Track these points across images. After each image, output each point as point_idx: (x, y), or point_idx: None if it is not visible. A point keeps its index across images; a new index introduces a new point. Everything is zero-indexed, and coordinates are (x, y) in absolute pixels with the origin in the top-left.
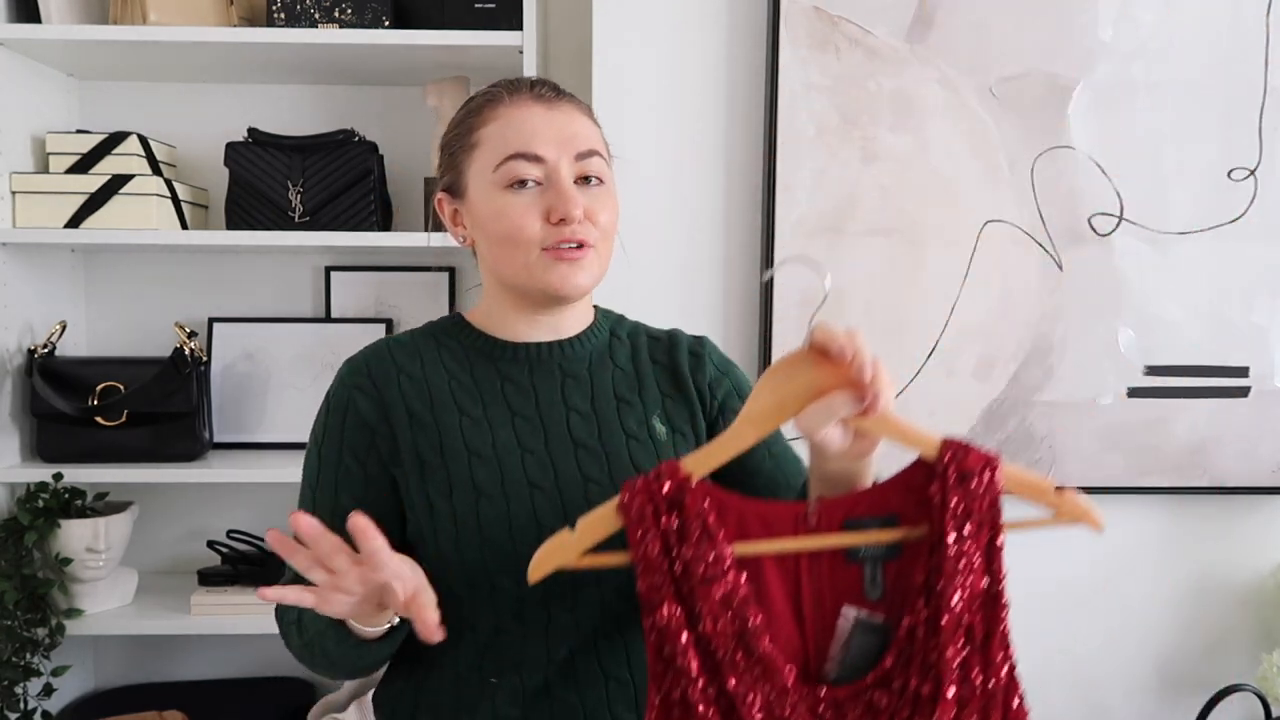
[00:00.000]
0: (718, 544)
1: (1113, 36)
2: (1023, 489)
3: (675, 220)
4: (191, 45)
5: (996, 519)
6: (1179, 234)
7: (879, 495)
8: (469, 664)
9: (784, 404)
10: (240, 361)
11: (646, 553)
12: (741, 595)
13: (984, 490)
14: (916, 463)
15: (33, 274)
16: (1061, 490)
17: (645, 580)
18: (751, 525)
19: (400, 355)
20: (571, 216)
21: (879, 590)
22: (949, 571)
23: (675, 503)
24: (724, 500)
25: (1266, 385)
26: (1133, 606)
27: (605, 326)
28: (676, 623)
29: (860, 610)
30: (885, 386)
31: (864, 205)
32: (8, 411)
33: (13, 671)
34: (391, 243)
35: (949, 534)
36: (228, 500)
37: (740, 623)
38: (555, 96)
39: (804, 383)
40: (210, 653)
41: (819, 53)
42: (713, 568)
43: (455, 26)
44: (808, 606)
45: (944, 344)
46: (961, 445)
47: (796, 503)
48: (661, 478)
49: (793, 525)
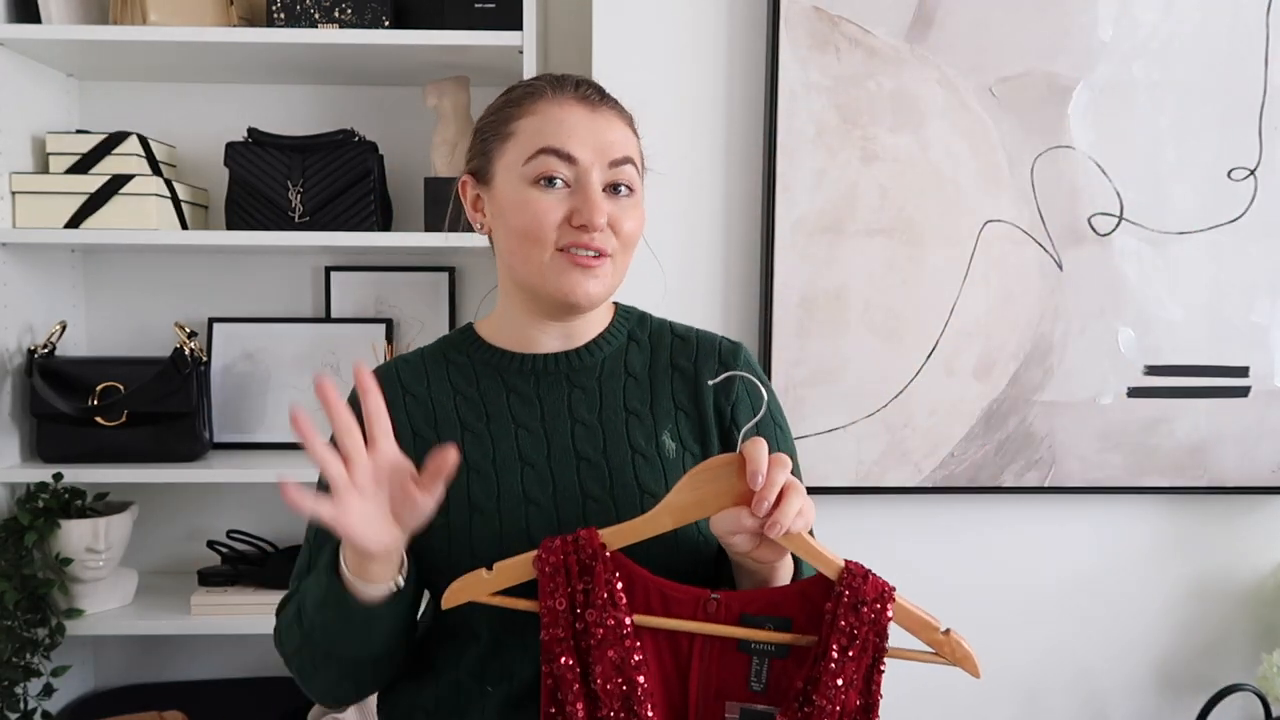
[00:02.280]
0: (619, 612)
1: (1113, 36)
2: (910, 625)
3: (675, 220)
4: (191, 45)
5: (881, 645)
6: (1179, 234)
7: (778, 597)
8: (471, 672)
9: (703, 502)
10: (240, 361)
11: (554, 607)
12: (634, 661)
13: (874, 618)
14: (819, 576)
15: (33, 274)
16: (948, 632)
17: (549, 632)
18: (654, 600)
19: (407, 375)
20: (594, 224)
21: (762, 684)
22: (826, 685)
23: (587, 568)
24: (633, 573)
25: (1266, 385)
26: (1132, 606)
27: (623, 329)
28: (571, 674)
29: (744, 704)
30: (786, 515)
31: (864, 205)
32: (8, 411)
33: (13, 671)
34: (391, 243)
35: (833, 650)
36: (228, 500)
37: (629, 686)
38: (599, 100)
39: (724, 487)
40: (210, 653)
41: (819, 53)
42: (611, 632)
43: (455, 26)
44: (694, 684)
45: (944, 344)
46: (862, 573)
47: (700, 589)
48: (579, 543)
49: (693, 608)
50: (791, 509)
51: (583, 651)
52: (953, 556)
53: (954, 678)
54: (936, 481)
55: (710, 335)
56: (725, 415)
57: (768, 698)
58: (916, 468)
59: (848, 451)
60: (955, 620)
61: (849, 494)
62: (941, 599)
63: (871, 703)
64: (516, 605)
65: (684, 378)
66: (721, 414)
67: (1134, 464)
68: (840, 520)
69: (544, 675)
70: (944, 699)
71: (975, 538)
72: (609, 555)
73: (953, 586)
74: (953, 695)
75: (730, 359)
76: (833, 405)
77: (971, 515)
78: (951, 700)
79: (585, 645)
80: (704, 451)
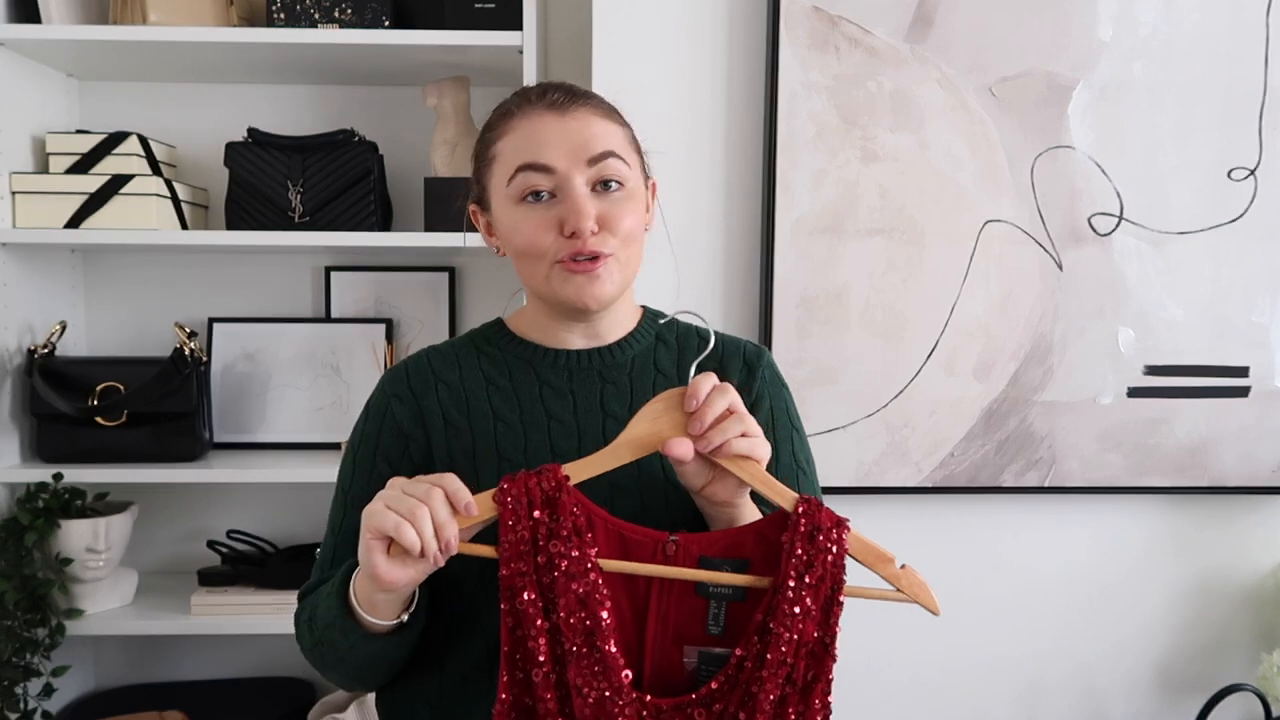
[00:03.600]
0: (584, 545)
1: (1113, 36)
2: (866, 556)
3: (675, 220)
4: (191, 45)
5: (839, 576)
6: (1179, 234)
7: (736, 538)
8: (476, 665)
9: (659, 433)
10: (240, 361)
11: (516, 540)
12: (598, 596)
13: (831, 546)
14: (774, 514)
15: (33, 274)
16: (905, 567)
17: (509, 566)
18: (613, 542)
19: (439, 364)
20: (582, 230)
21: (720, 627)
22: (783, 614)
23: (551, 500)
24: (593, 512)
25: (1266, 385)
26: (1132, 606)
27: (651, 330)
28: (534, 609)
29: (701, 648)
30: (719, 432)
31: (864, 205)
32: (8, 411)
33: (13, 671)
34: (391, 243)
35: (789, 579)
36: (228, 500)
37: (593, 621)
38: (569, 102)
39: (679, 418)
40: (210, 653)
41: (819, 53)
42: (576, 564)
43: (455, 26)
44: (651, 627)
45: (944, 344)
46: (815, 503)
47: (659, 531)
48: (542, 474)
49: (651, 552)
50: (729, 428)
51: (544, 587)
52: (953, 556)
53: (954, 677)
54: (936, 481)
55: (735, 339)
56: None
57: (726, 641)
58: (916, 468)
59: (848, 451)
60: (956, 620)
61: (849, 494)
62: (942, 599)
63: (829, 634)
64: (478, 551)
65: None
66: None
67: (1134, 464)
68: None
69: (504, 614)
70: (944, 699)
71: (975, 538)
72: (572, 489)
73: (953, 586)
74: (953, 695)
75: (754, 361)
76: (833, 405)
77: (971, 515)
78: (951, 700)
79: (548, 580)
80: None
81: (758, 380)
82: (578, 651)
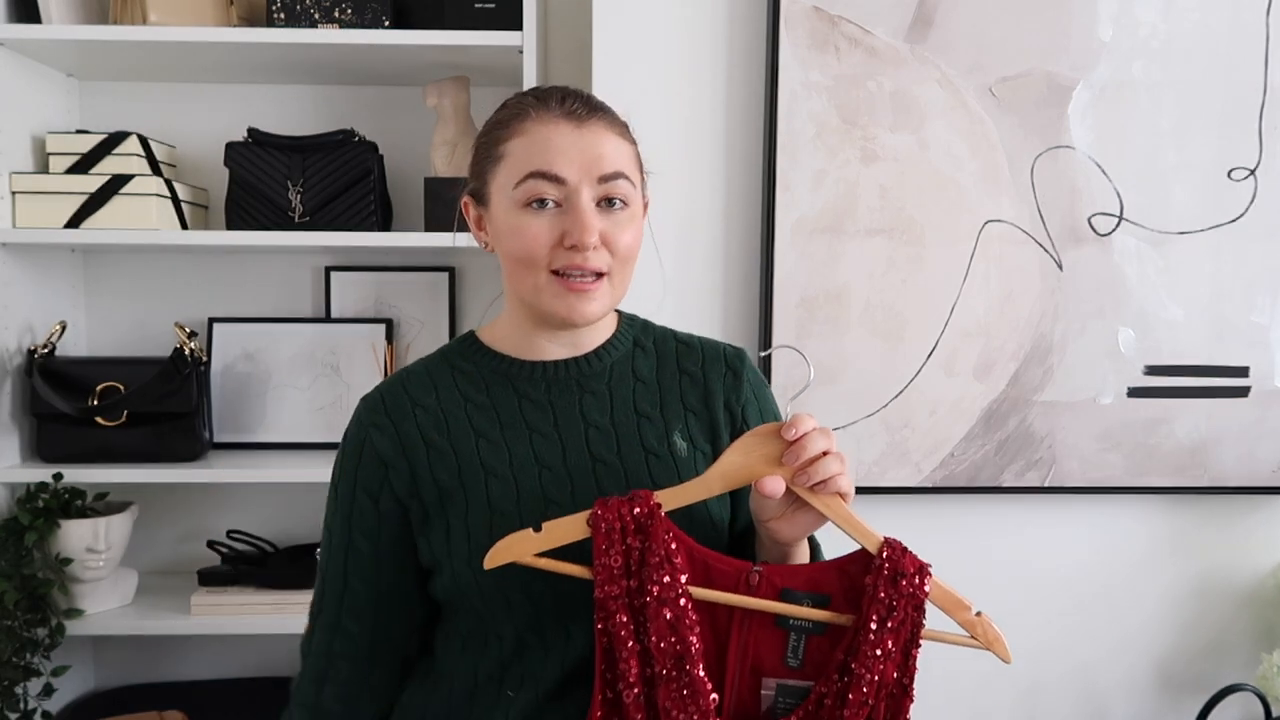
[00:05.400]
0: (675, 571)
1: (1113, 36)
2: (945, 603)
3: (675, 220)
4: (191, 45)
5: (918, 620)
6: (1179, 234)
7: (817, 573)
8: (489, 675)
9: (751, 466)
10: (240, 361)
11: (609, 564)
12: (688, 621)
13: (912, 592)
14: (857, 552)
15: (33, 274)
16: (980, 614)
17: (603, 589)
18: (698, 569)
19: (414, 388)
20: (585, 244)
21: (799, 660)
22: (865, 654)
23: (643, 527)
24: (680, 538)
25: (1266, 385)
26: (1132, 606)
27: (629, 336)
28: (626, 631)
29: (780, 680)
30: (818, 469)
31: (864, 205)
32: (8, 411)
33: (13, 671)
34: (391, 243)
35: (872, 621)
36: (228, 500)
37: (682, 645)
38: (586, 114)
39: (772, 451)
40: (210, 653)
41: (819, 53)
42: (667, 590)
43: (455, 26)
44: (732, 656)
45: (944, 344)
46: (899, 547)
47: (742, 561)
48: (634, 501)
49: (735, 581)
50: (827, 466)
51: (636, 610)
52: (953, 556)
53: (953, 676)
54: (936, 481)
55: (714, 341)
56: (736, 416)
57: (804, 673)
58: (916, 468)
59: (848, 451)
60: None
61: None
62: None
63: (908, 680)
64: (568, 570)
65: (692, 381)
66: (733, 414)
67: (1134, 464)
68: None
69: (598, 634)
70: (944, 698)
71: (975, 538)
72: (664, 516)
73: (953, 586)
74: (953, 695)
75: (736, 364)
76: (833, 405)
77: (971, 515)
78: (952, 700)
79: (639, 604)
80: (715, 450)
81: (744, 383)
82: (667, 675)
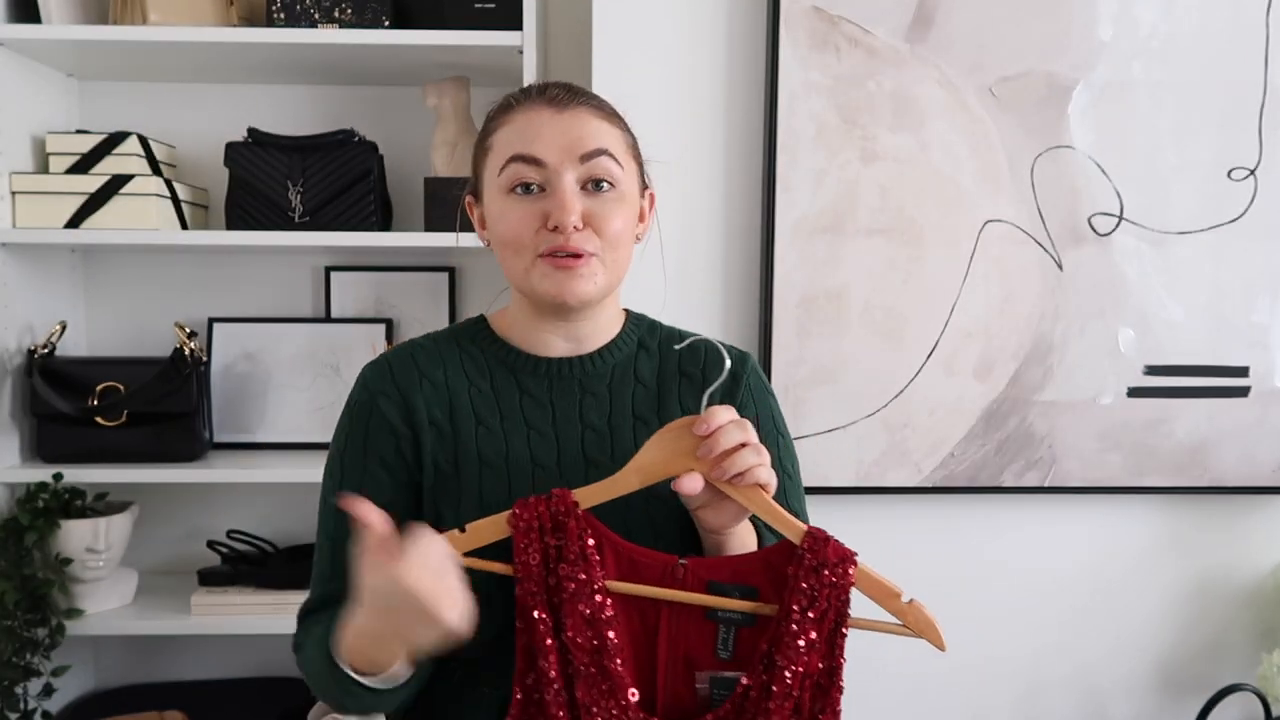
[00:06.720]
0: (591, 568)
1: (1113, 36)
2: (873, 591)
3: (675, 220)
4: (191, 45)
5: (843, 610)
6: (1179, 234)
7: (744, 565)
8: (467, 672)
9: (668, 460)
10: (240, 361)
11: (527, 562)
12: (605, 616)
13: (835, 581)
14: (783, 543)
15: (33, 274)
16: (911, 601)
17: (522, 587)
18: (623, 565)
19: (423, 360)
20: (564, 224)
21: (729, 652)
22: (787, 646)
23: (560, 525)
24: (603, 535)
25: (1266, 385)
26: (1133, 606)
27: (634, 336)
28: (544, 627)
29: (713, 673)
30: (733, 462)
31: (864, 205)
32: (8, 411)
33: (13, 671)
34: (391, 243)
35: (793, 612)
36: (228, 500)
37: (599, 640)
38: (568, 99)
39: (688, 445)
40: (210, 653)
41: (819, 53)
42: (583, 587)
43: (455, 26)
44: (662, 650)
45: (944, 344)
46: (823, 537)
47: (669, 555)
48: (552, 500)
49: (660, 575)
50: (743, 459)
51: (555, 607)
52: (953, 556)
53: (954, 676)
54: (936, 481)
55: (718, 344)
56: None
57: (735, 665)
58: (916, 468)
59: (848, 451)
60: (955, 619)
61: (849, 494)
62: (942, 599)
63: (835, 666)
64: (490, 567)
65: (692, 384)
66: None
67: (1134, 464)
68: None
69: (518, 631)
70: (944, 699)
71: (975, 538)
72: (581, 514)
73: (952, 586)
74: (953, 694)
75: (739, 367)
76: (833, 405)
77: (971, 515)
78: (952, 700)
79: (557, 600)
80: None
81: (743, 387)
82: (585, 670)
